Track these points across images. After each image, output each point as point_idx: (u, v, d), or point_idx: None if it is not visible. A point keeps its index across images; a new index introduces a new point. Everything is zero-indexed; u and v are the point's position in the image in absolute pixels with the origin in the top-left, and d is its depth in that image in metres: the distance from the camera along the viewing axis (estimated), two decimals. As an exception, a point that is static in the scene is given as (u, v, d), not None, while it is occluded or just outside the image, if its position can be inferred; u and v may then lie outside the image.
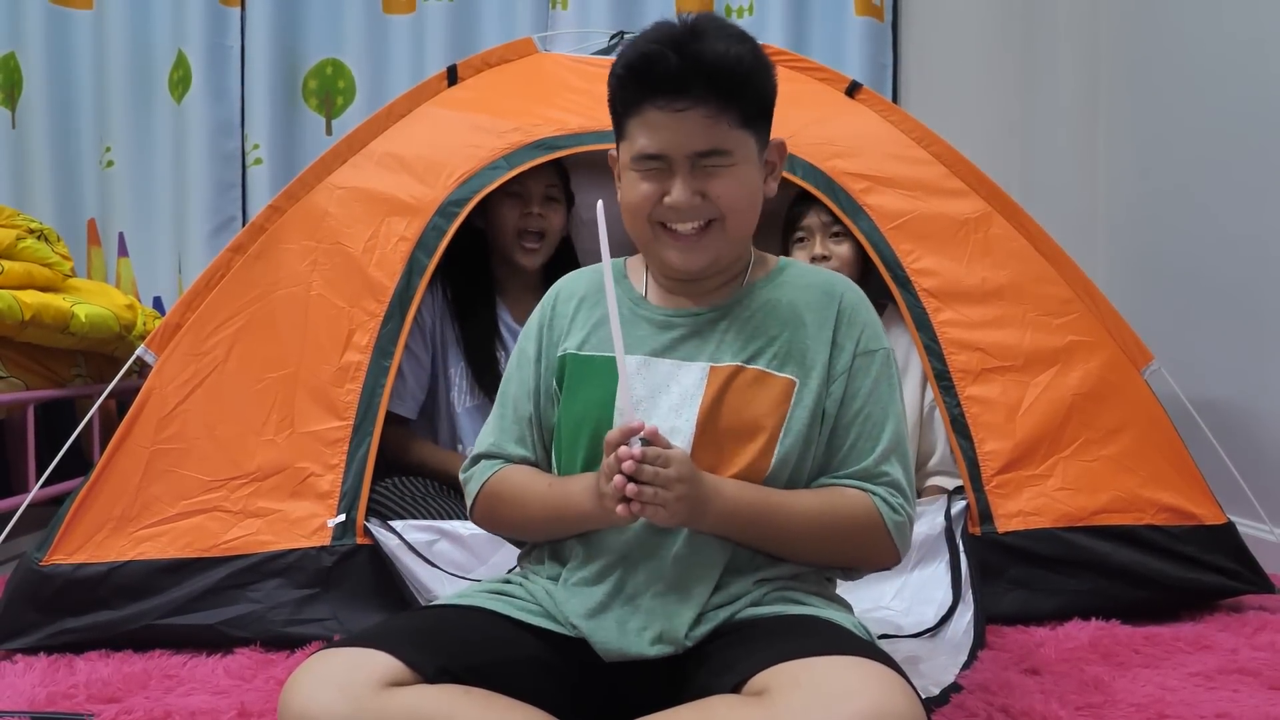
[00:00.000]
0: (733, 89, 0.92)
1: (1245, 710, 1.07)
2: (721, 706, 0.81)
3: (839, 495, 0.96)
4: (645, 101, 0.92)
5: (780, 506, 0.94)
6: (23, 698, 1.16)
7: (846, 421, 0.98)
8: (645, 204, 0.95)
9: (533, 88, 1.64)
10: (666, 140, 0.92)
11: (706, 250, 0.96)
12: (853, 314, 1.00)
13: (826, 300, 1.00)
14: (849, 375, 0.98)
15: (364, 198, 1.51)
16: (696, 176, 0.94)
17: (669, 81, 0.91)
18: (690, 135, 0.92)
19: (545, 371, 1.04)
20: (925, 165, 1.58)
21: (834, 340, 0.98)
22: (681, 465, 0.87)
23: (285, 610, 1.34)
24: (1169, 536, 1.45)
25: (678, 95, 0.91)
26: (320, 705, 0.81)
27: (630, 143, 0.96)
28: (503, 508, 1.03)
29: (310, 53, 2.58)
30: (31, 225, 2.12)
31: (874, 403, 0.98)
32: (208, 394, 1.43)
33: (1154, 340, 1.58)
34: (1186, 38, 2.06)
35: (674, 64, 0.90)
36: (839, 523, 0.95)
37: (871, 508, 0.96)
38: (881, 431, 0.97)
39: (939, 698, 1.10)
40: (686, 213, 0.94)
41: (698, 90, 0.90)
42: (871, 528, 0.95)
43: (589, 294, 1.05)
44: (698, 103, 0.91)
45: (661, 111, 0.92)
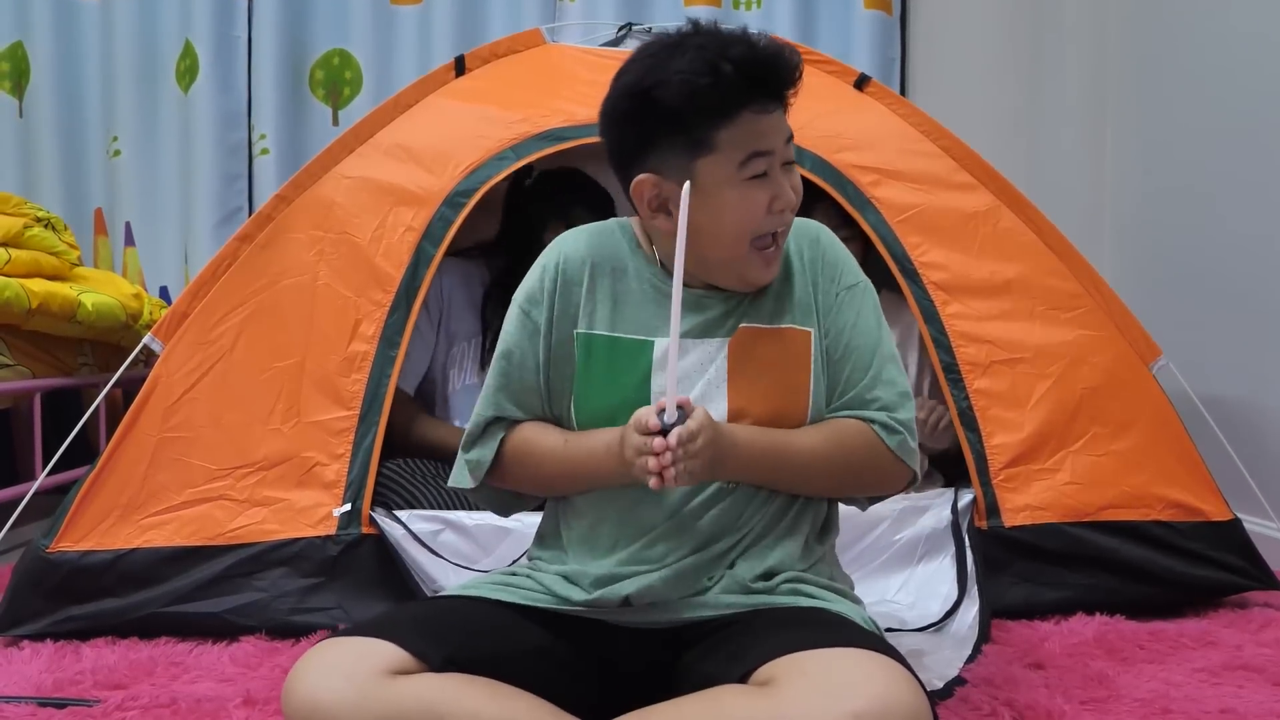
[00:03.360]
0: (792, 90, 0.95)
1: (1250, 706, 1.07)
2: (728, 696, 0.81)
3: (840, 427, 0.99)
4: (744, 108, 0.91)
5: (789, 446, 0.97)
6: (29, 684, 1.17)
7: (838, 357, 1.00)
8: (756, 218, 0.93)
9: (540, 79, 1.64)
10: (773, 143, 0.93)
11: (780, 253, 0.99)
12: (830, 254, 1.03)
13: (813, 246, 1.03)
14: (836, 312, 1.01)
15: (371, 188, 1.51)
16: (788, 174, 0.95)
17: (775, 85, 0.92)
18: (783, 132, 0.94)
19: (556, 345, 1.01)
20: (934, 159, 1.57)
21: (818, 283, 1.02)
22: (705, 430, 0.88)
23: (290, 599, 1.35)
24: (1175, 532, 1.45)
25: (774, 99, 0.93)
26: (327, 693, 0.81)
27: (728, 154, 0.91)
28: (516, 467, 1.03)
29: (317, 43, 2.58)
30: (39, 214, 2.12)
31: (859, 334, 1.00)
32: (214, 383, 1.43)
33: (1161, 337, 1.58)
34: (1194, 35, 2.05)
35: (779, 64, 0.92)
36: (845, 454, 0.98)
37: (871, 434, 0.98)
38: (870, 359, 1.00)
39: (943, 691, 1.10)
40: (792, 210, 0.96)
41: (789, 86, 0.94)
42: (874, 454, 0.98)
43: (601, 262, 1.01)
44: (781, 106, 0.94)
45: (758, 115, 0.92)
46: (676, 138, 0.91)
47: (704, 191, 0.91)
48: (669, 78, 0.90)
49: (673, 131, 0.91)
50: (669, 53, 0.91)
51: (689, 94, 0.89)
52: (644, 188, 0.95)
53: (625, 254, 1.02)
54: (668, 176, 0.93)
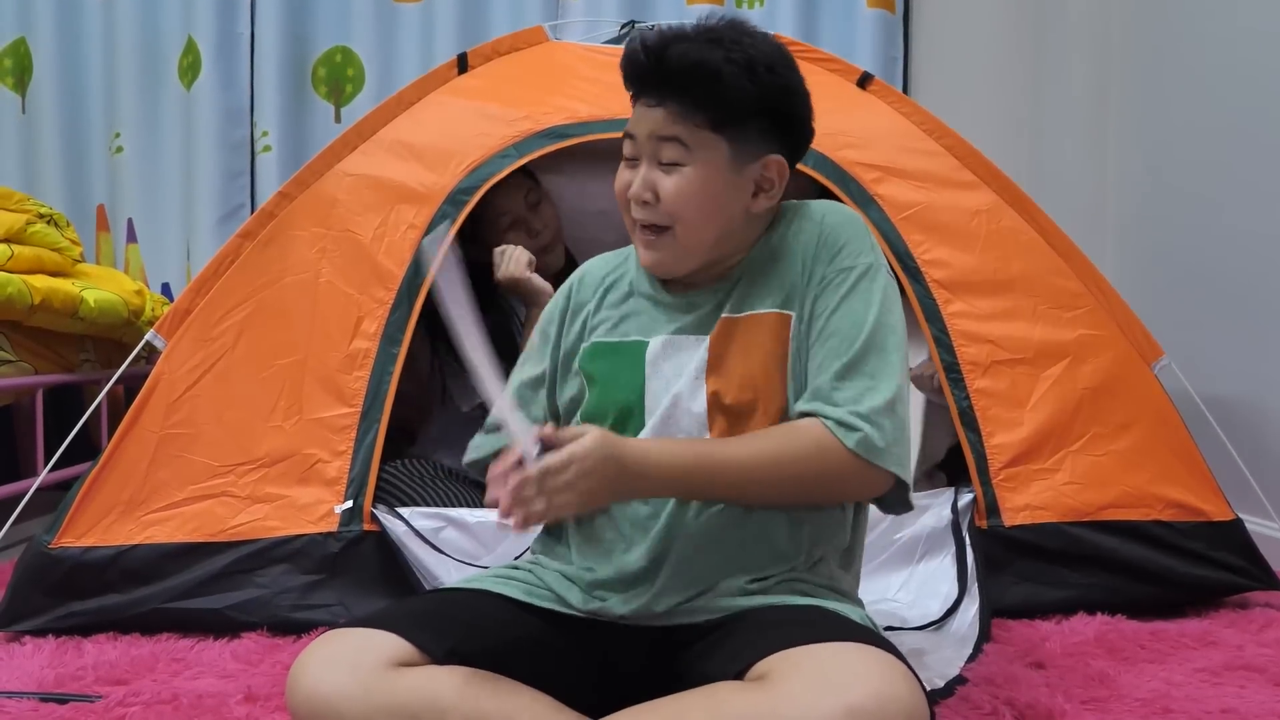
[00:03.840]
0: (696, 89, 0.92)
1: (1251, 706, 1.07)
2: (725, 691, 0.81)
3: (789, 429, 0.91)
4: (633, 96, 0.98)
5: (721, 459, 0.89)
6: (31, 679, 1.17)
7: (813, 341, 0.94)
8: (619, 194, 0.99)
9: (543, 76, 1.64)
10: (633, 127, 0.96)
11: (664, 253, 0.97)
12: (832, 234, 0.97)
13: (813, 227, 0.99)
14: (817, 296, 0.95)
15: (373, 185, 1.51)
16: (655, 172, 0.96)
17: (637, 76, 0.96)
18: (651, 126, 0.95)
19: (563, 359, 1.05)
20: (936, 157, 1.57)
21: (809, 264, 0.96)
22: (585, 458, 0.83)
23: (292, 596, 1.35)
24: (1176, 532, 1.44)
25: (646, 91, 0.95)
26: (330, 685, 0.82)
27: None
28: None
29: (320, 40, 2.58)
30: (41, 210, 2.12)
31: (840, 317, 0.93)
32: (216, 380, 1.44)
33: (1163, 337, 1.58)
34: (1198, 34, 2.05)
35: (641, 60, 0.95)
36: (791, 460, 0.89)
37: (823, 434, 0.89)
38: (849, 346, 0.91)
39: (944, 690, 1.10)
40: (640, 207, 0.97)
41: (660, 87, 0.94)
42: (827, 457, 0.89)
43: (612, 280, 1.06)
44: (663, 100, 0.94)
45: (638, 104, 0.97)
46: None
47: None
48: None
49: None
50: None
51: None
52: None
53: (630, 266, 1.06)
54: None
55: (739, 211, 0.96)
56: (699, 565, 0.94)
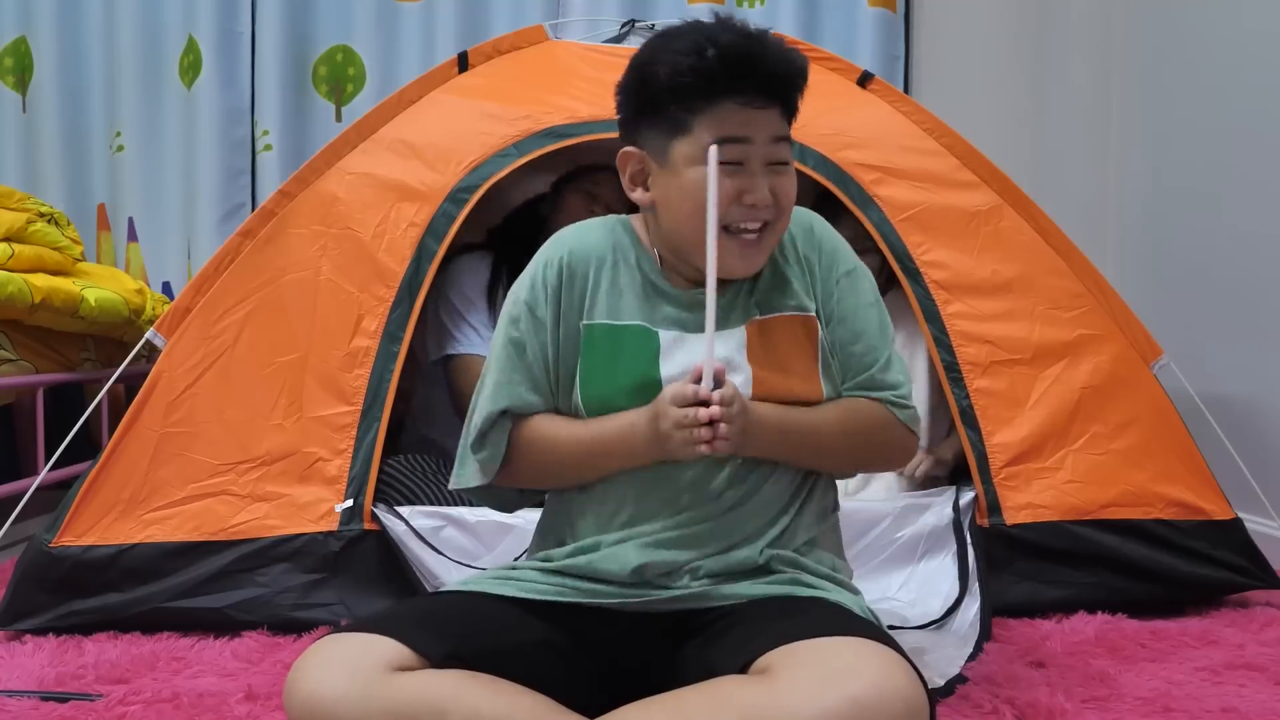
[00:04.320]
0: (796, 96, 0.97)
1: (1251, 705, 1.07)
2: (727, 685, 0.82)
3: (856, 405, 1.02)
4: (726, 96, 0.92)
5: (809, 422, 0.99)
6: (31, 678, 1.17)
7: (849, 341, 1.03)
8: (722, 204, 0.93)
9: (543, 75, 1.64)
10: (752, 133, 0.93)
11: (763, 250, 0.99)
12: (825, 242, 1.05)
13: (807, 235, 1.05)
14: (838, 298, 1.03)
15: (374, 183, 1.51)
16: (769, 175, 0.95)
17: (759, 81, 0.92)
18: (770, 130, 0.94)
19: (564, 339, 1.01)
20: (936, 157, 1.57)
21: (815, 271, 1.04)
22: (740, 399, 0.92)
23: (292, 595, 1.35)
24: (1177, 531, 1.44)
25: (762, 94, 0.93)
26: (328, 688, 0.82)
27: (699, 136, 0.93)
28: (530, 458, 1.02)
29: (320, 39, 2.58)
30: (42, 209, 2.12)
31: (864, 318, 1.03)
32: (217, 378, 1.43)
33: (1164, 336, 1.58)
34: (1200, 33, 2.04)
35: (766, 66, 0.92)
36: (862, 430, 1.02)
37: (885, 411, 1.02)
38: (877, 341, 1.03)
39: (944, 689, 1.10)
40: (762, 212, 0.96)
41: (778, 92, 0.94)
42: (889, 429, 1.02)
43: (604, 255, 1.02)
44: (774, 101, 0.94)
45: (744, 108, 0.92)
46: (661, 115, 0.95)
47: (676, 170, 0.95)
48: (662, 56, 0.94)
49: (658, 109, 0.95)
50: (673, 34, 0.96)
51: (672, 73, 0.93)
52: (627, 160, 0.99)
53: (626, 247, 1.03)
54: (650, 153, 0.97)
55: None
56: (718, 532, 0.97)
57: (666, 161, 0.96)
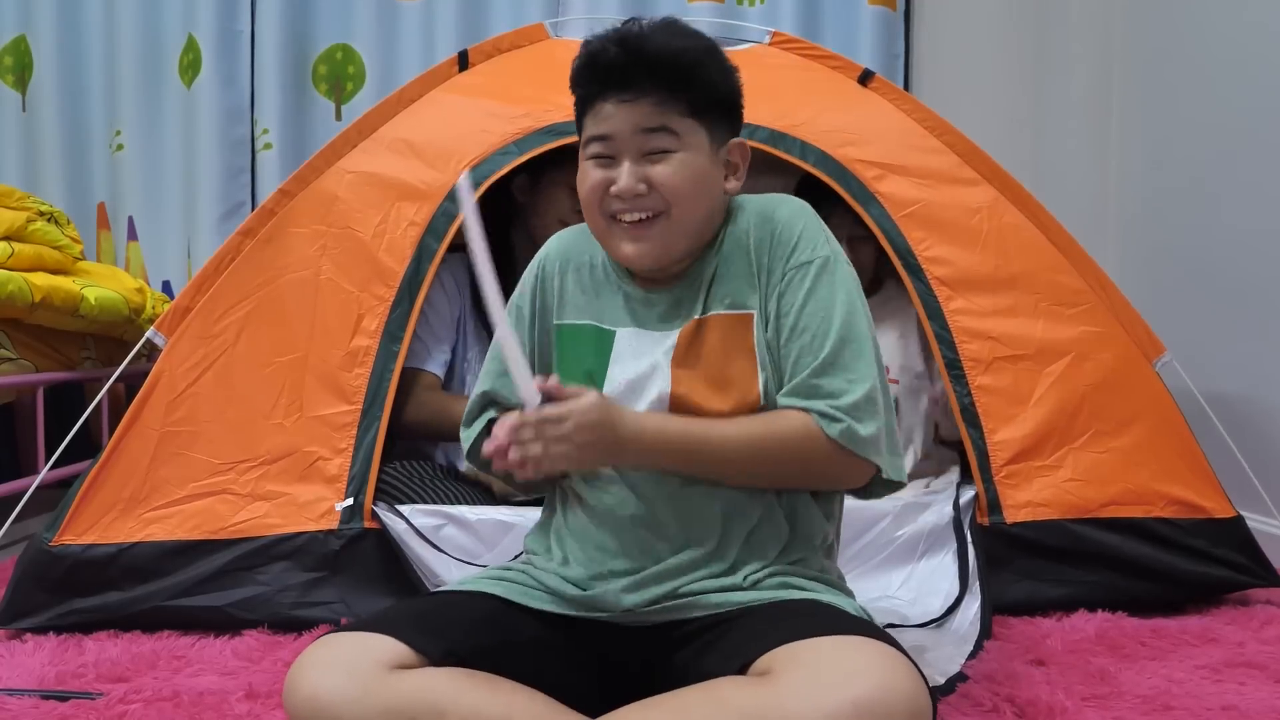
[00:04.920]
0: (677, 79, 0.94)
1: (1252, 703, 1.06)
2: (727, 686, 0.82)
3: (775, 417, 0.94)
4: (597, 97, 0.96)
5: (709, 436, 0.93)
6: (32, 677, 1.17)
7: (784, 339, 0.96)
8: (595, 193, 0.97)
9: (543, 73, 1.62)
10: (613, 125, 0.95)
11: (654, 241, 0.97)
12: (785, 230, 0.99)
13: (764, 223, 1.00)
14: (781, 293, 0.97)
15: (374, 182, 1.51)
16: (641, 164, 0.95)
17: (614, 72, 0.94)
18: (636, 120, 0.94)
19: (539, 335, 1.06)
20: (938, 154, 1.57)
21: (763, 262, 0.99)
22: (584, 414, 0.87)
23: (293, 593, 1.35)
24: (1178, 530, 1.44)
25: (624, 87, 0.94)
26: (328, 688, 0.82)
27: (585, 138, 0.98)
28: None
29: (320, 38, 2.57)
30: (42, 208, 2.12)
31: (809, 314, 0.95)
32: (217, 377, 1.43)
33: (1165, 333, 1.57)
34: (1201, 30, 2.04)
35: (617, 57, 0.94)
36: (776, 445, 0.93)
37: (808, 424, 0.92)
38: (824, 342, 0.94)
39: (945, 687, 1.10)
40: (632, 201, 0.95)
41: (641, 80, 0.94)
42: (812, 445, 0.92)
43: (576, 257, 1.06)
44: (643, 93, 0.94)
45: (607, 103, 0.95)
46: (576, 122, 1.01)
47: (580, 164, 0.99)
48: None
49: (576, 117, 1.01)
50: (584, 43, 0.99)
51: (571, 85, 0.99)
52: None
53: (599, 253, 1.05)
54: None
55: (719, 192, 1.00)
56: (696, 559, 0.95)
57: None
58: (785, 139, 1.53)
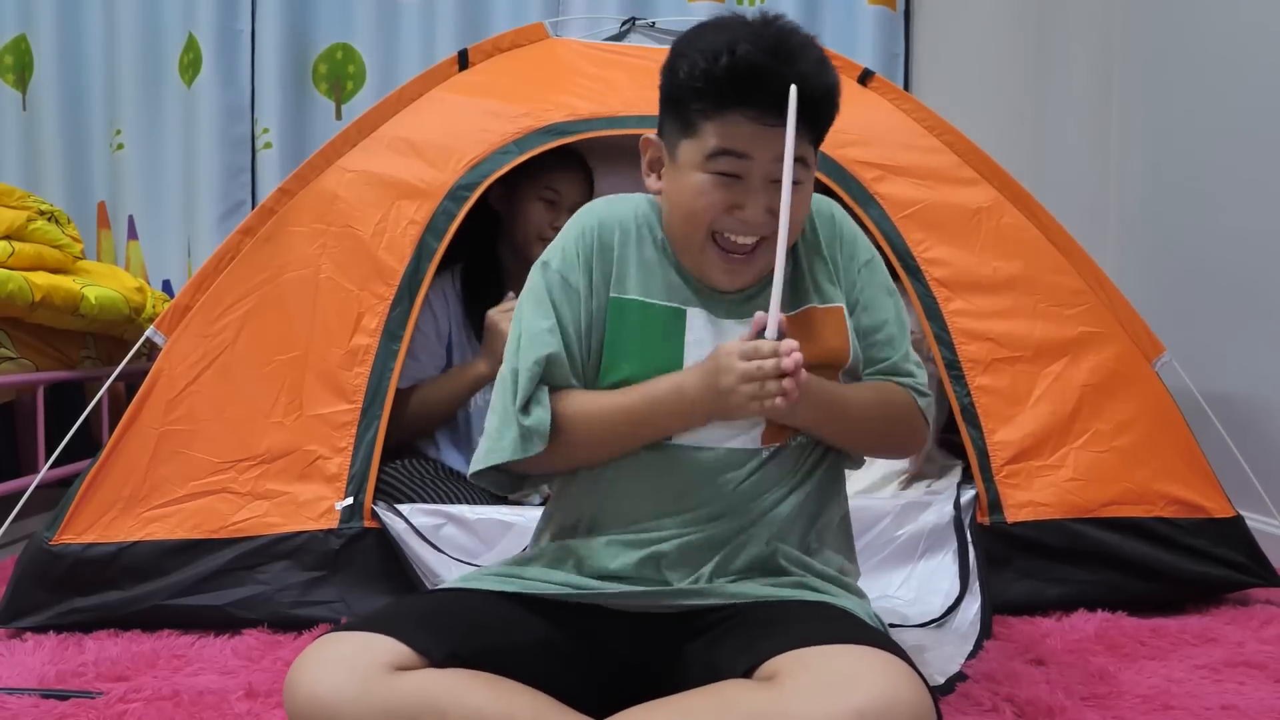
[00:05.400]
0: (821, 116, 0.94)
1: (1251, 703, 1.06)
2: (732, 690, 0.82)
3: (884, 388, 1.04)
4: (737, 108, 0.90)
5: (849, 395, 1.01)
6: (32, 675, 1.17)
7: (871, 330, 1.04)
8: (710, 211, 0.93)
9: (544, 73, 1.63)
10: (752, 147, 0.91)
11: (753, 268, 0.97)
12: (845, 230, 1.06)
13: (825, 224, 1.05)
14: (860, 288, 1.04)
15: (374, 181, 1.50)
16: (770, 192, 0.92)
17: (773, 97, 0.89)
18: (779, 149, 0.90)
19: (596, 310, 0.99)
20: (937, 154, 1.57)
21: (837, 260, 1.04)
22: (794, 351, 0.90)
23: (293, 592, 1.34)
24: (1178, 529, 1.44)
25: (774, 111, 0.89)
26: (328, 688, 0.81)
27: (703, 141, 0.92)
28: (573, 430, 0.97)
29: (320, 37, 2.57)
30: (42, 207, 2.12)
31: (884, 308, 1.05)
32: (217, 376, 1.43)
33: (1165, 333, 1.57)
34: (1201, 29, 2.04)
35: (781, 83, 0.88)
36: (891, 411, 1.03)
37: (909, 396, 1.04)
38: (896, 330, 1.04)
39: (944, 687, 1.10)
40: (754, 228, 0.94)
41: (785, 110, 0.89)
42: (911, 413, 1.04)
43: (632, 228, 1.01)
44: (779, 118, 0.89)
45: (753, 123, 0.90)
46: (676, 111, 0.95)
47: (681, 169, 0.95)
48: (689, 50, 0.93)
49: (675, 104, 0.95)
50: (711, 27, 0.94)
51: (689, 74, 0.92)
52: (648, 145, 1.00)
53: (653, 223, 1.02)
54: (666, 145, 0.98)
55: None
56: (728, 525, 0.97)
57: (675, 158, 0.96)
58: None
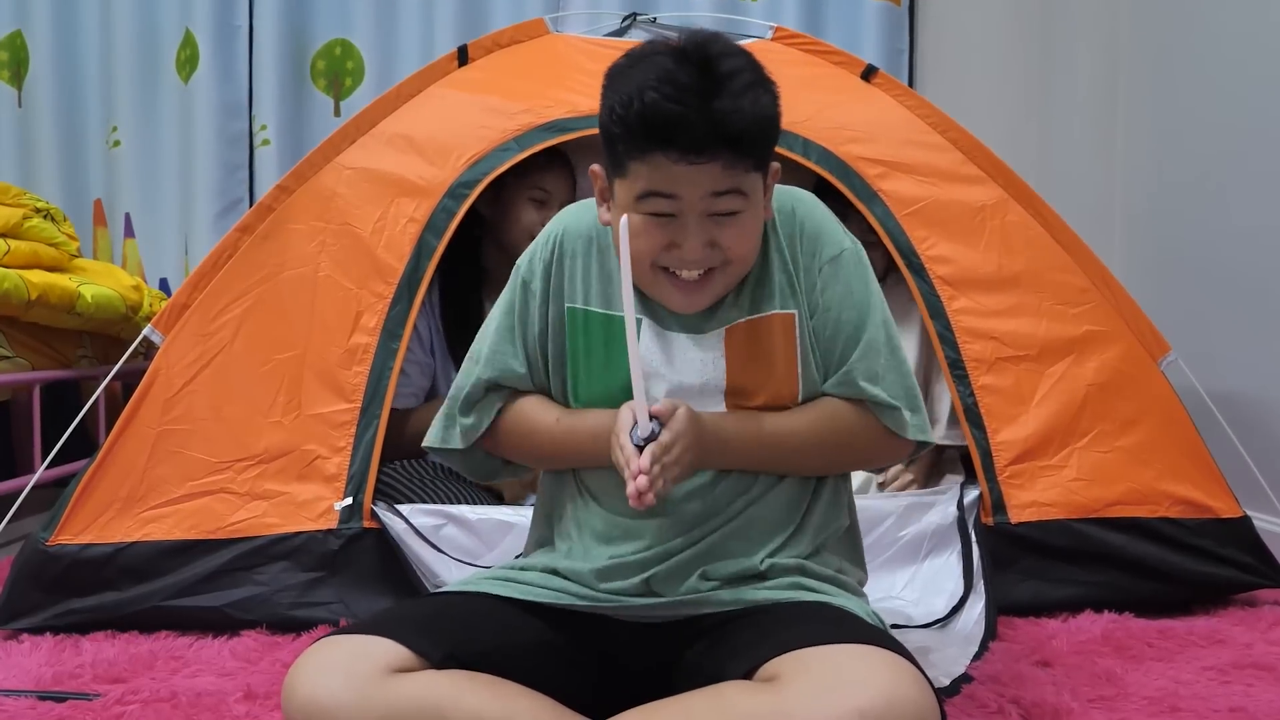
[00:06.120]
0: (754, 142, 0.89)
1: (1259, 705, 1.06)
2: (732, 692, 0.81)
3: (832, 407, 0.98)
4: (657, 150, 0.87)
5: (780, 431, 0.96)
6: (29, 677, 1.16)
7: (829, 334, 0.98)
8: (650, 252, 0.91)
9: (544, 69, 1.62)
10: (679, 187, 0.88)
11: (708, 293, 0.95)
12: (807, 225, 0.99)
13: (786, 221, 0.99)
14: (821, 289, 0.98)
15: (373, 179, 1.50)
16: (706, 227, 0.90)
17: (685, 138, 0.86)
18: (706, 184, 0.88)
19: (553, 317, 1.01)
20: (941, 151, 1.56)
21: (797, 260, 0.99)
22: (684, 435, 0.88)
23: (291, 593, 1.34)
24: (1184, 529, 1.43)
25: (697, 150, 0.86)
26: (326, 692, 0.81)
27: (632, 182, 0.90)
28: (510, 438, 1.03)
29: (319, 33, 2.57)
30: (38, 205, 2.11)
31: (848, 308, 0.98)
32: (214, 375, 1.43)
33: (1171, 332, 1.56)
34: (1208, 26, 2.03)
35: (698, 127, 0.85)
36: (837, 434, 0.98)
37: (863, 412, 0.98)
38: (860, 332, 0.98)
39: (949, 688, 1.09)
40: (696, 264, 0.92)
41: (717, 146, 0.86)
42: (868, 431, 0.98)
43: (600, 237, 1.00)
44: (715, 156, 0.87)
45: (676, 163, 0.87)
46: (608, 149, 0.92)
47: (618, 205, 0.93)
48: (611, 90, 0.90)
49: (606, 142, 0.92)
50: (633, 62, 0.90)
51: (610, 116, 0.89)
52: (595, 177, 0.97)
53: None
54: (606, 177, 0.95)
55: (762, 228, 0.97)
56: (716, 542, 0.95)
57: (613, 195, 0.93)
58: (787, 136, 1.51)
